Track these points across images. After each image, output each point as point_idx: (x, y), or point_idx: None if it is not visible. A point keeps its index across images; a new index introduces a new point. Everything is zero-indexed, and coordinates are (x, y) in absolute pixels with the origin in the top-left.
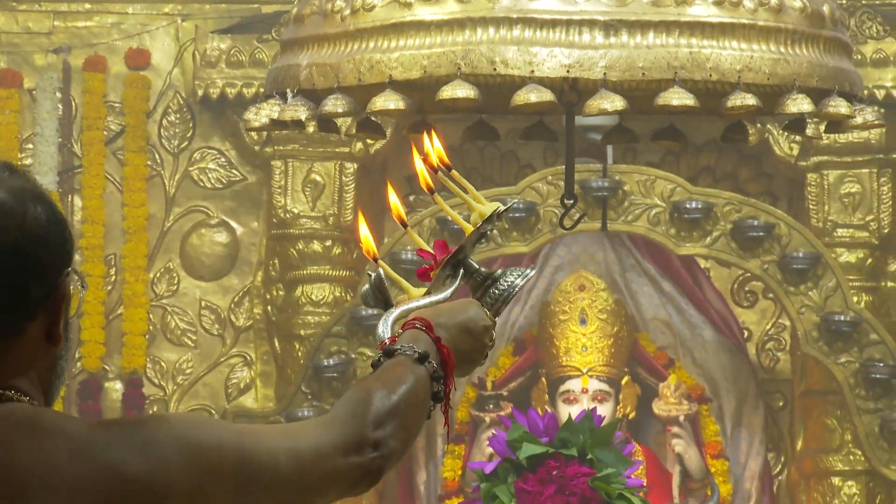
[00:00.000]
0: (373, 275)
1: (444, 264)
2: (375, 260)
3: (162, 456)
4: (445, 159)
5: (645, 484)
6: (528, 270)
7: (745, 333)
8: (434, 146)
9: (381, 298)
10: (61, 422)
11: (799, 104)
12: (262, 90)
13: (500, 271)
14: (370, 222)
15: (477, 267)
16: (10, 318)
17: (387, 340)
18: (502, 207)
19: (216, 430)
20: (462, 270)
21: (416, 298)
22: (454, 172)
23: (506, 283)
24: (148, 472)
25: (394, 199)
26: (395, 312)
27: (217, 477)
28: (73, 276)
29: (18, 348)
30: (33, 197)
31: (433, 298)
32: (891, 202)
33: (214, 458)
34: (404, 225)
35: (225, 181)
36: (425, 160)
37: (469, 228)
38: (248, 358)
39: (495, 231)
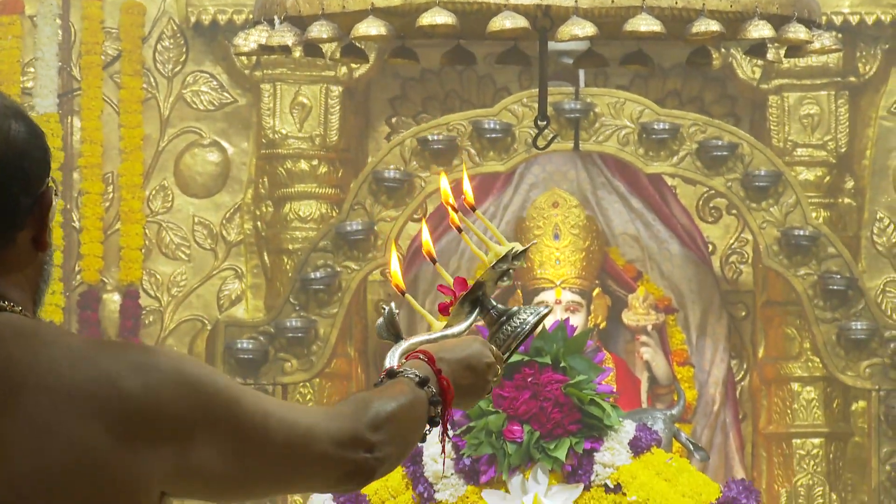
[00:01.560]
0: (387, 309)
1: (461, 300)
2: (403, 293)
3: (156, 379)
4: (471, 200)
5: (615, 390)
6: (542, 309)
7: (710, 247)
8: (464, 189)
9: (393, 332)
10: (60, 334)
11: (760, 30)
12: (251, 17)
13: (515, 309)
14: (353, 142)
15: (494, 304)
16: (3, 228)
17: (393, 368)
18: (520, 248)
19: (216, 375)
20: (479, 307)
21: (427, 333)
22: (478, 213)
23: (518, 321)
24: (142, 390)
25: (426, 236)
26: (403, 345)
27: (207, 418)
28: (53, 185)
29: (10, 257)
30: (13, 113)
31: (442, 333)
32: (847, 123)
33: (208, 397)
34: (433, 261)
35: (216, 103)
36: (446, 200)
37: (487, 263)
38: (239, 271)
39: (473, 151)
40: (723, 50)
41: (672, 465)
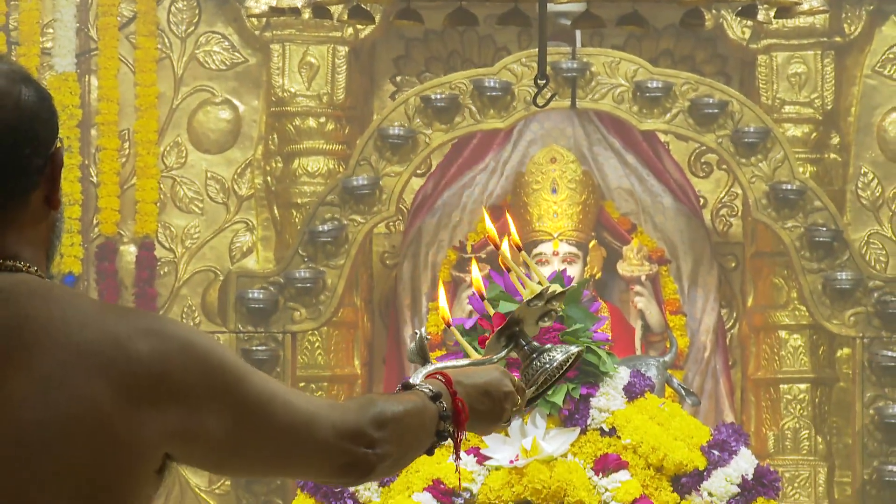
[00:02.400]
0: (418, 334)
1: (497, 334)
2: (449, 326)
3: (165, 346)
4: (517, 241)
5: (610, 338)
6: (573, 348)
7: (701, 201)
8: (510, 231)
9: (422, 356)
10: (74, 295)
11: None
12: None
13: (547, 346)
14: (359, 100)
15: (529, 340)
16: (18, 189)
17: (409, 381)
18: (558, 289)
19: (225, 351)
20: (514, 342)
21: (456, 360)
22: (523, 254)
23: (547, 357)
24: (149, 354)
25: (443, 302)
26: (429, 368)
27: (214, 389)
28: (62, 145)
29: (24, 216)
30: (22, 78)
31: (469, 362)
32: (833, 81)
33: (214, 370)
34: (448, 325)
35: (228, 63)
36: (491, 239)
37: (530, 294)
38: (250, 224)
39: (474, 108)
40: (714, 11)
41: (664, 409)
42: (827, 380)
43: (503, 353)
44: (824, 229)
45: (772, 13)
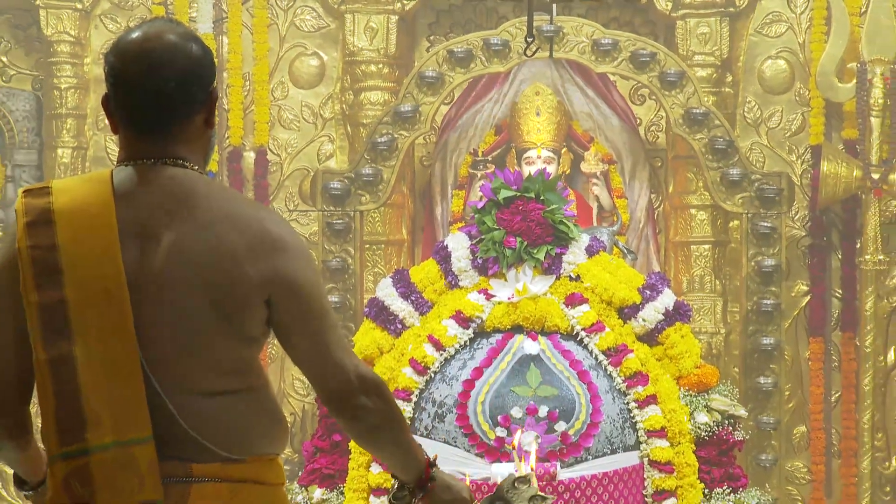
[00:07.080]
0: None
1: (487, 499)
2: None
3: (286, 234)
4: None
5: (576, 214)
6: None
7: (638, 121)
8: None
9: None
10: (227, 187)
11: None
12: None
13: None
14: (405, 53)
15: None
16: (187, 111)
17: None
18: (542, 495)
19: (318, 272)
20: None
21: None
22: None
23: None
24: (274, 231)
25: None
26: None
27: (307, 282)
28: (218, 85)
29: (190, 132)
30: (191, 38)
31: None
32: (728, 38)
33: (313, 271)
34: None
35: (316, 27)
36: (518, 455)
37: (521, 475)
38: (332, 137)
39: (483, 58)
40: None
41: (613, 262)
42: (723, 242)
43: None
44: (721, 140)
45: None
